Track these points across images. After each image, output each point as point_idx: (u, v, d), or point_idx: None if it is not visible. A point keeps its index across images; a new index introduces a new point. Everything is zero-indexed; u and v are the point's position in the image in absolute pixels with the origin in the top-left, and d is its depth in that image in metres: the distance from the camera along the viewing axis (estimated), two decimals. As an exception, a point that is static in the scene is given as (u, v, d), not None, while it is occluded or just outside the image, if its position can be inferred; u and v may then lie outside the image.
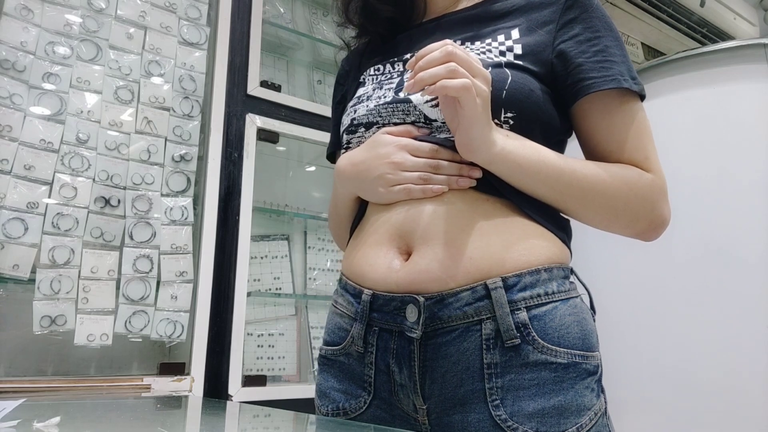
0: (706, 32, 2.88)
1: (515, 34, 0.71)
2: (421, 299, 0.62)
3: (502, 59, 0.68)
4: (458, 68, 0.58)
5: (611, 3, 2.57)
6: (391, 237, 0.67)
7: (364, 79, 0.81)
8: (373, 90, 0.75)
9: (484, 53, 0.70)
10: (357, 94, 0.78)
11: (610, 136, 0.69)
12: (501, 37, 0.71)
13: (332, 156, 0.93)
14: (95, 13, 1.39)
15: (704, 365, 1.38)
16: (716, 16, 2.86)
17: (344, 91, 0.89)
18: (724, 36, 2.92)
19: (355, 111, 0.75)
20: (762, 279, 1.34)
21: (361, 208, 0.77)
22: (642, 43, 2.82)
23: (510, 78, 0.66)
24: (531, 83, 0.67)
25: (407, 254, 0.66)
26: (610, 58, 0.68)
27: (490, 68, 0.66)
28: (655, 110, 0.73)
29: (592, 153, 0.73)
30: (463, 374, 0.61)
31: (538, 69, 0.68)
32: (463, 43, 0.72)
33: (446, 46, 0.59)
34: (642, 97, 0.71)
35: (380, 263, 0.67)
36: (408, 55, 0.77)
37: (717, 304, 1.39)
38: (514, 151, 0.64)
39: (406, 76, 0.72)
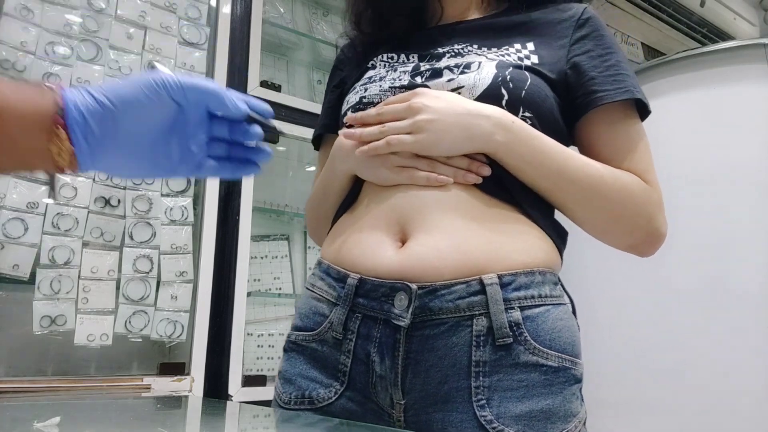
0: (706, 32, 2.88)
1: (531, 46, 0.72)
2: (414, 287, 0.60)
3: (521, 63, 0.70)
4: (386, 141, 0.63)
5: (611, 3, 2.57)
6: (388, 222, 0.65)
7: (373, 64, 0.79)
8: (387, 72, 0.74)
9: (502, 56, 0.70)
10: (367, 75, 0.76)
11: (614, 146, 0.70)
12: (517, 45, 0.72)
13: (318, 139, 0.89)
14: (95, 13, 1.39)
15: (704, 368, 1.38)
16: (716, 16, 2.86)
17: (343, 76, 0.87)
18: (724, 36, 2.92)
19: (366, 89, 0.73)
20: (762, 278, 1.34)
21: (350, 196, 0.74)
22: (642, 43, 2.82)
23: (529, 80, 0.67)
24: (546, 89, 0.68)
25: (402, 242, 0.64)
26: (623, 72, 0.70)
27: (510, 68, 0.67)
28: (655, 110, 0.73)
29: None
30: (448, 370, 0.59)
31: (553, 76, 0.69)
32: (479, 48, 0.73)
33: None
34: (647, 113, 0.72)
35: (373, 248, 0.64)
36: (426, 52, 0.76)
37: (717, 305, 1.39)
38: (517, 141, 0.64)
39: (422, 65, 0.72)
